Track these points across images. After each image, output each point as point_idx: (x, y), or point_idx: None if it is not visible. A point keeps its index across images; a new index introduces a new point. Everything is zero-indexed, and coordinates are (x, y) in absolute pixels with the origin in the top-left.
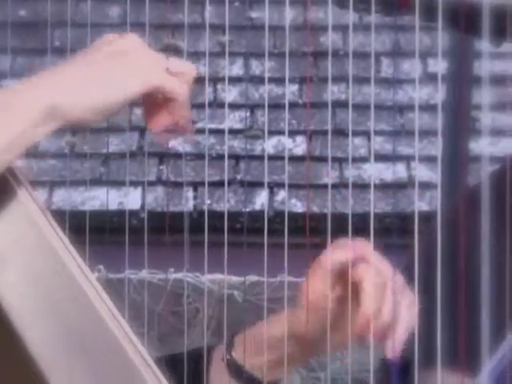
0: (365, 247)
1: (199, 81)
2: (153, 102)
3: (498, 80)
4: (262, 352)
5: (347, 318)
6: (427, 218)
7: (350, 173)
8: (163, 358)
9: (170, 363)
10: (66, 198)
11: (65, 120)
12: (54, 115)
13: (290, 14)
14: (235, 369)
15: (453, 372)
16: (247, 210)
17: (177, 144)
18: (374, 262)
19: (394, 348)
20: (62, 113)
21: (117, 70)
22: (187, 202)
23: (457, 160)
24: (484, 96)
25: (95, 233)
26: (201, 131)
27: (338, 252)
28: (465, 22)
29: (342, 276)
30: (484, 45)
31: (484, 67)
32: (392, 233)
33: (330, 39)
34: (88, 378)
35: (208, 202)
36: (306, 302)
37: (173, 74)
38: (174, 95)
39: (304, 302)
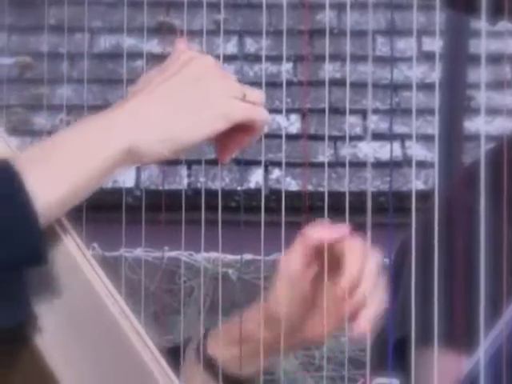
0: (345, 229)
1: None
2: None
3: (494, 59)
4: (237, 343)
5: (323, 302)
6: (423, 196)
7: (347, 151)
8: None
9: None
10: None
11: (141, 160)
12: (131, 156)
13: None
14: (209, 363)
15: (449, 349)
16: (242, 188)
17: None
18: (356, 241)
19: (362, 325)
20: (139, 154)
21: (194, 106)
22: (181, 180)
23: (452, 138)
24: (480, 75)
25: (90, 211)
26: None
27: (320, 230)
28: (461, 1)
29: (321, 253)
30: (480, 23)
31: (480, 46)
32: (387, 211)
33: (330, 17)
34: (84, 354)
35: (202, 180)
36: (283, 276)
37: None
38: (255, 125)
39: (281, 277)
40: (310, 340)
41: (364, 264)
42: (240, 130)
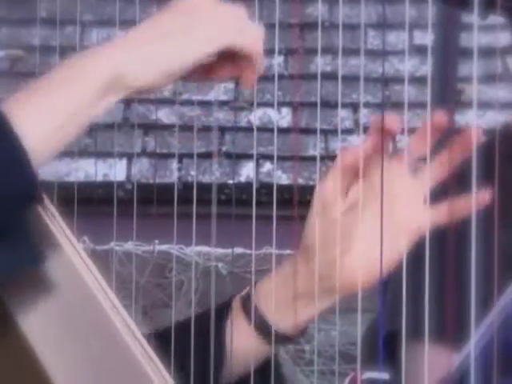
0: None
1: None
2: (220, 55)
3: (485, 52)
4: (281, 292)
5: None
6: None
7: (337, 145)
8: (177, 325)
9: (181, 330)
10: (51, 169)
11: (129, 89)
12: (117, 85)
13: None
14: (259, 318)
15: (440, 344)
16: (233, 181)
17: (162, 115)
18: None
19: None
20: (126, 82)
21: (183, 31)
22: (172, 173)
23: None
24: (470, 68)
25: (80, 204)
26: (187, 103)
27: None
28: None
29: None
30: (471, 17)
31: (471, 39)
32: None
33: (320, 11)
34: (75, 349)
35: (193, 173)
36: (317, 204)
37: (244, 30)
38: (247, 52)
39: (317, 204)
40: (346, 285)
41: None
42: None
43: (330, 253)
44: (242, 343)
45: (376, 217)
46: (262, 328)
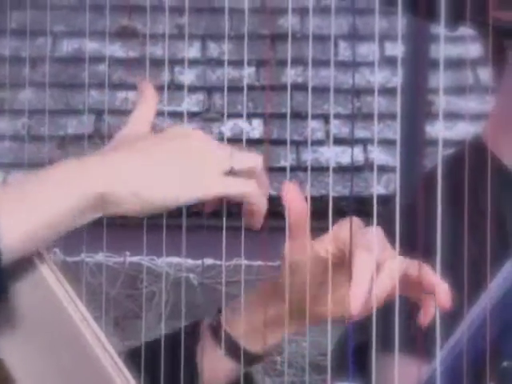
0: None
1: (156, 63)
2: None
3: (455, 64)
4: (250, 317)
5: (334, 288)
6: (383, 201)
7: (308, 156)
8: (135, 350)
9: (148, 352)
10: None
11: (112, 211)
12: (102, 205)
13: None
14: (229, 342)
15: (410, 355)
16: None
17: None
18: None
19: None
20: (111, 204)
21: (176, 173)
22: None
23: (413, 143)
24: (440, 80)
25: None
26: (158, 114)
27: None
28: (422, 6)
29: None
30: (440, 29)
31: (440, 51)
32: (349, 216)
33: (293, 22)
34: (45, 362)
35: None
36: (286, 263)
37: (238, 173)
38: (243, 198)
39: (284, 265)
40: (323, 319)
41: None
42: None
43: (302, 298)
44: (213, 366)
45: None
46: (233, 351)
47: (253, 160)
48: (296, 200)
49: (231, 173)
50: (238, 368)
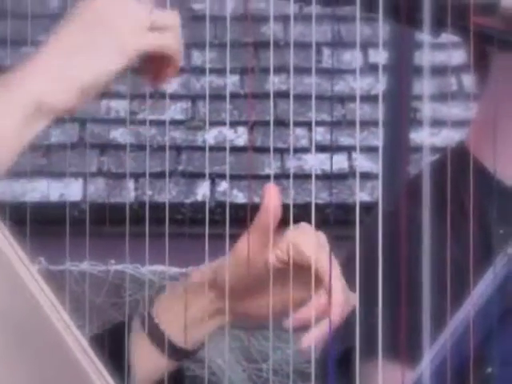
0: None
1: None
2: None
3: (439, 70)
4: (183, 308)
5: (278, 286)
6: (368, 208)
7: (292, 163)
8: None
9: (96, 342)
10: (6, 189)
11: (54, 113)
12: (41, 111)
13: (230, 4)
14: (155, 333)
15: (394, 361)
16: (188, 200)
17: (118, 135)
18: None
19: (312, 339)
20: (49, 106)
21: (97, 44)
22: (128, 193)
23: (397, 150)
24: (424, 86)
25: (36, 224)
26: (142, 122)
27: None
28: (405, 13)
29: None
30: (423, 35)
31: (424, 58)
32: (332, 223)
33: (276, 29)
34: (28, 371)
35: (149, 193)
36: (238, 255)
37: (158, 29)
38: (165, 52)
39: (236, 255)
40: (253, 318)
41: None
42: (161, 59)
43: (240, 294)
44: (146, 360)
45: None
46: (163, 345)
47: (171, 17)
48: (274, 201)
49: (152, 29)
50: (170, 362)
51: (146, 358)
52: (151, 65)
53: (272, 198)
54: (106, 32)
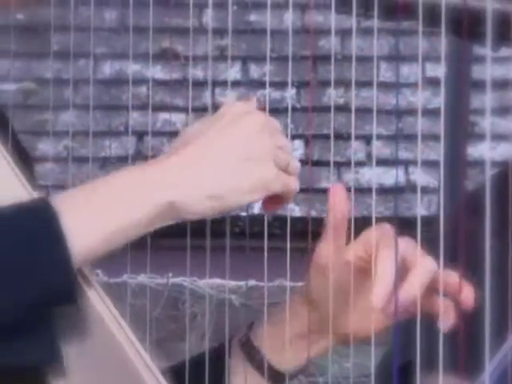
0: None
1: (198, 85)
2: None
3: (497, 85)
4: (281, 335)
5: (363, 296)
6: (426, 222)
7: (350, 177)
8: (176, 367)
9: (185, 370)
10: None
11: (181, 217)
12: (173, 211)
13: (289, 18)
14: (254, 356)
15: (453, 375)
16: (245, 214)
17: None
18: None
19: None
20: (182, 209)
21: (240, 170)
22: None
23: (456, 164)
24: (483, 100)
25: None
26: None
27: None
28: (466, 27)
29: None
30: (483, 50)
31: (483, 72)
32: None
33: (332, 43)
34: (90, 380)
35: None
36: (316, 263)
37: (287, 171)
38: (290, 194)
39: (315, 264)
40: (354, 335)
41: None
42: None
43: (333, 307)
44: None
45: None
46: (264, 369)
47: (296, 162)
48: (340, 202)
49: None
50: None
51: (245, 382)
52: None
53: (338, 197)
54: (255, 162)
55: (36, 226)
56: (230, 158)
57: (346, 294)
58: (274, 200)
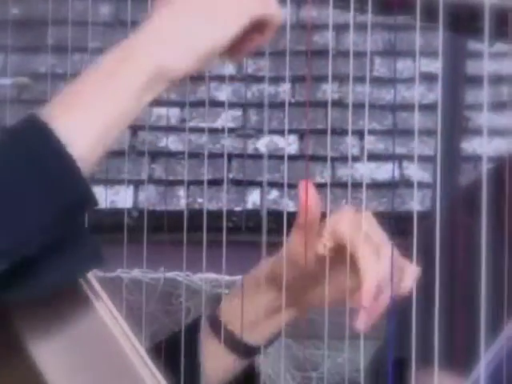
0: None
1: (193, 80)
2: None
3: (491, 80)
4: (248, 307)
5: (334, 276)
6: (419, 217)
7: (344, 172)
8: (154, 347)
9: (162, 350)
10: None
11: (171, 79)
12: (159, 77)
13: (284, 13)
14: (224, 334)
15: (449, 370)
16: (239, 208)
17: (169, 143)
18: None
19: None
20: (167, 72)
21: (212, 10)
22: (179, 200)
23: (450, 159)
24: (478, 96)
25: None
26: (194, 130)
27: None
28: (463, 23)
29: (333, 240)
30: (478, 45)
31: (478, 67)
32: (385, 232)
33: (329, 38)
34: (85, 376)
35: (200, 200)
36: (288, 253)
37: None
38: (273, 20)
39: (287, 254)
40: (314, 305)
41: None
42: (253, 29)
43: (299, 287)
44: (214, 358)
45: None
46: (233, 344)
47: None
48: (310, 198)
49: None
50: (240, 360)
51: (215, 358)
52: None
53: (307, 193)
54: None
55: (33, 146)
56: (197, 6)
57: (313, 278)
58: (258, 33)
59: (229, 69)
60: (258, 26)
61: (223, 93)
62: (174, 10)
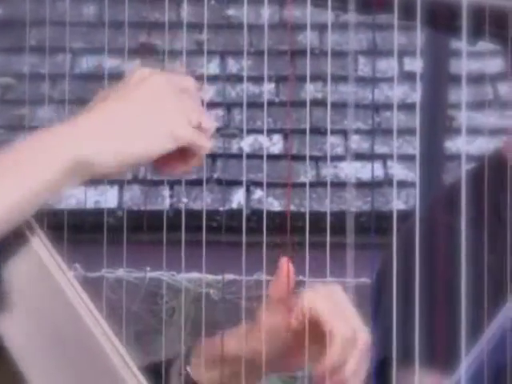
0: (338, 296)
1: None
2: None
3: (475, 78)
4: (217, 366)
5: (303, 346)
6: (404, 216)
7: (328, 171)
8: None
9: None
10: None
11: (90, 174)
12: (79, 170)
13: (266, 13)
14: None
15: (431, 369)
16: (223, 208)
17: None
18: (346, 312)
19: None
20: (87, 167)
21: (146, 123)
22: (164, 200)
23: (433, 158)
24: (461, 95)
25: (72, 231)
26: None
27: (310, 297)
28: (442, 21)
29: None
30: (460, 44)
31: (460, 66)
32: (368, 231)
33: (308, 38)
34: (65, 377)
35: (185, 200)
36: (263, 326)
37: (200, 128)
38: (200, 151)
39: (260, 327)
40: (291, 368)
41: (353, 344)
42: (180, 153)
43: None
44: None
45: None
46: None
47: (211, 122)
48: (286, 277)
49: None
50: None
51: None
52: (170, 155)
53: (286, 272)
54: (161, 116)
55: None
56: (135, 114)
57: (283, 346)
58: (182, 159)
59: (211, 68)
60: (185, 151)
61: (206, 92)
62: (106, 113)
